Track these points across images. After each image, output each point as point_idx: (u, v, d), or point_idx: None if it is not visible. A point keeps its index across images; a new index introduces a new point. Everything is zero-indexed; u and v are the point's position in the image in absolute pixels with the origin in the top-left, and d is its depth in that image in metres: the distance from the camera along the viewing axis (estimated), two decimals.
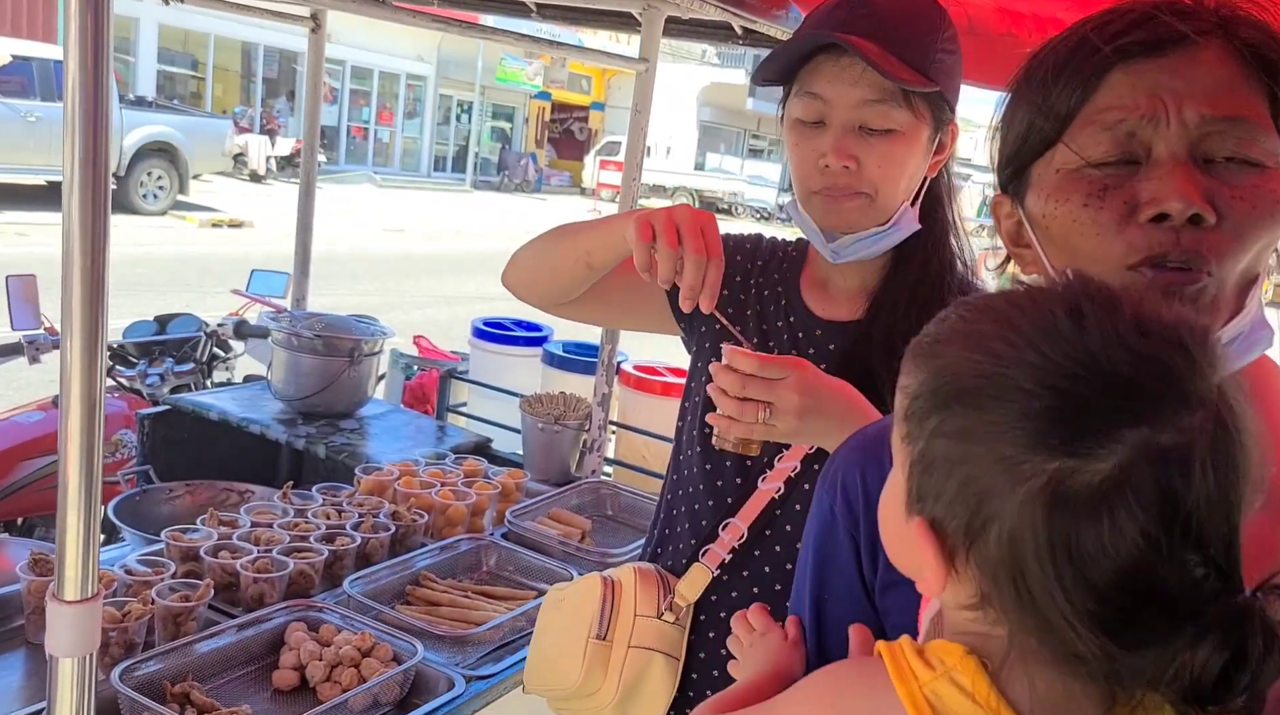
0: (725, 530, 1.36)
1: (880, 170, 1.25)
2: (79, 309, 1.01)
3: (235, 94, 21.89)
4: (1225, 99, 0.74)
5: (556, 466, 2.67)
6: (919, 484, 0.63)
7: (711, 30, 2.70)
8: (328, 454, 2.64)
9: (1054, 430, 0.56)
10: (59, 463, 1.05)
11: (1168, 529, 0.55)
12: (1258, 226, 0.74)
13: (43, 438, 2.84)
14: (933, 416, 0.62)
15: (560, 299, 1.50)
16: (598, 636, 1.39)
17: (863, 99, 1.23)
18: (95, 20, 0.96)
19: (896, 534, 0.69)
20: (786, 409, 1.13)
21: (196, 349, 3.29)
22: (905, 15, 1.26)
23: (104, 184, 1.01)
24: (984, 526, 0.59)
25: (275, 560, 1.89)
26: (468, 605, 1.99)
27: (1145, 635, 0.57)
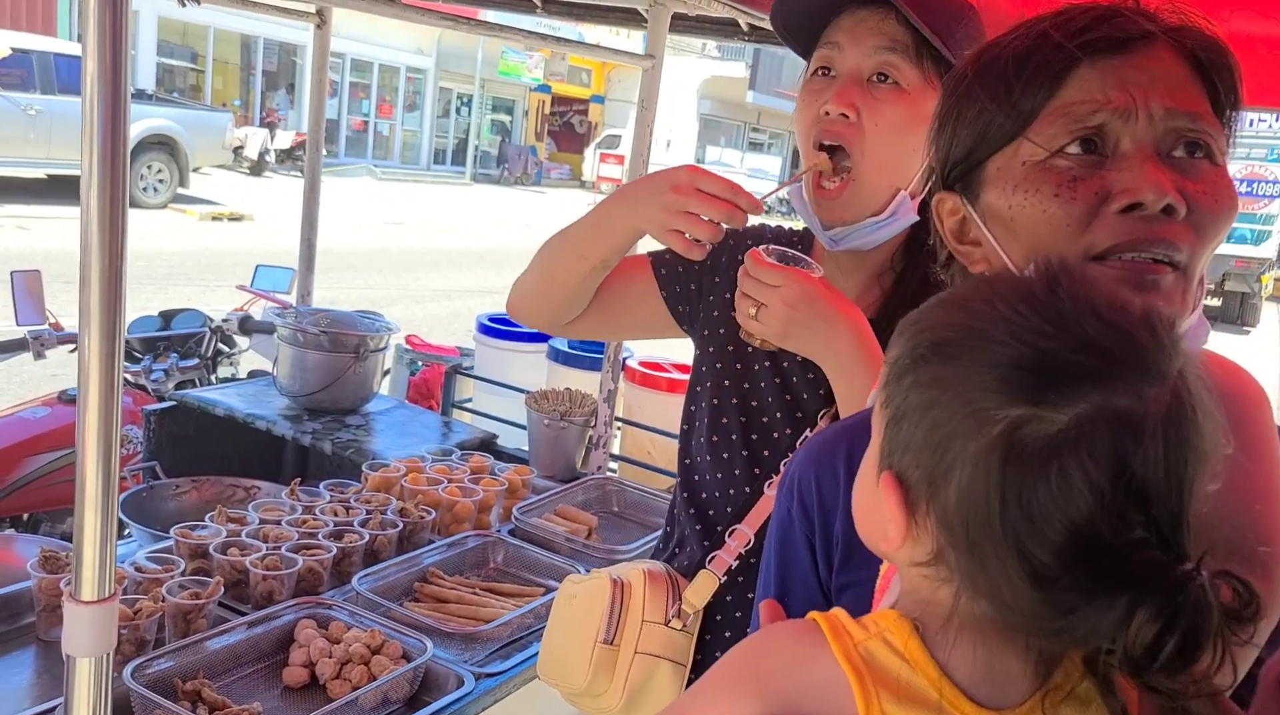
0: (732, 536, 1.36)
1: (876, 128, 1.23)
2: (97, 309, 1.01)
3: (235, 87, 21.86)
4: (1184, 94, 0.77)
5: (562, 462, 2.68)
6: (889, 439, 0.65)
7: (718, 26, 2.70)
8: (334, 450, 2.64)
9: (1020, 379, 0.58)
10: (77, 463, 1.05)
11: (1114, 486, 0.57)
12: (1216, 220, 0.76)
13: (49, 433, 2.85)
14: (909, 373, 0.64)
15: (566, 312, 1.49)
16: (605, 641, 1.39)
17: (875, 46, 1.22)
18: (114, 18, 0.96)
19: (868, 507, 0.70)
20: (773, 314, 1.18)
21: (201, 344, 3.29)
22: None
23: (122, 182, 1.01)
24: (945, 474, 0.60)
25: (284, 557, 1.89)
26: (476, 602, 2.00)
27: (1080, 596, 0.58)
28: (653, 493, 2.57)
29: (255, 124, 20.50)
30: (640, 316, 1.52)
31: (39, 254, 9.73)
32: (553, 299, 1.48)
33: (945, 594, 0.63)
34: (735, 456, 1.40)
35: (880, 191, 1.26)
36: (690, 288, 1.48)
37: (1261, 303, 16.79)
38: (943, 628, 0.64)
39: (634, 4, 2.53)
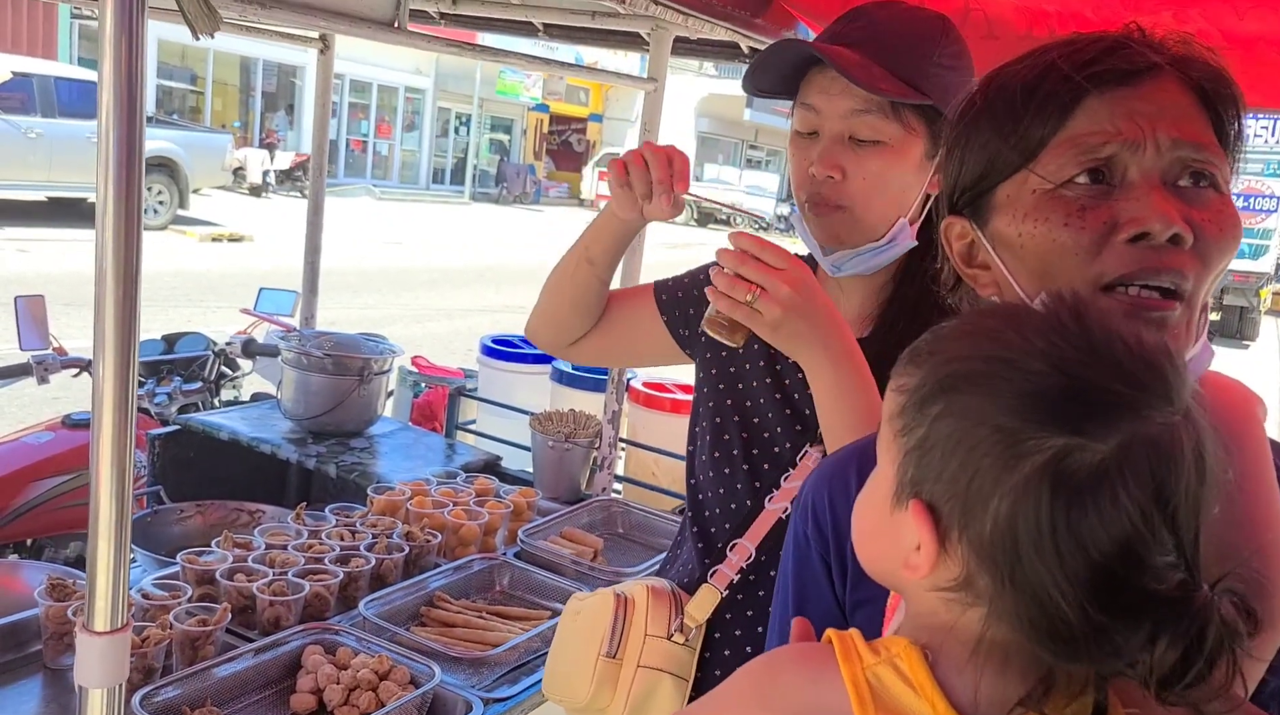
0: (733, 551, 1.37)
1: (864, 183, 1.25)
2: (111, 338, 1.02)
3: (234, 108, 21.95)
4: (1189, 125, 0.78)
5: (567, 484, 2.68)
6: (916, 469, 0.65)
7: (718, 49, 2.72)
8: (338, 473, 2.65)
9: (1063, 409, 0.60)
10: (91, 494, 1.05)
11: (1156, 510, 0.59)
12: (1222, 248, 0.77)
13: (53, 458, 2.85)
14: (936, 402, 0.65)
15: (574, 325, 1.52)
16: (608, 655, 1.40)
17: (850, 109, 1.23)
18: (129, 46, 0.97)
19: (875, 531, 0.71)
20: (775, 296, 1.13)
21: (204, 368, 3.30)
22: (902, 28, 1.27)
23: (137, 208, 1.02)
24: (983, 503, 0.61)
25: (291, 583, 1.89)
26: (482, 626, 2.00)
27: (1115, 616, 0.60)
28: (658, 514, 2.57)
29: (255, 145, 20.58)
30: (643, 342, 1.55)
31: (39, 277, 9.74)
32: (561, 310, 1.51)
33: (971, 617, 0.64)
34: (737, 471, 1.41)
35: (878, 221, 1.28)
36: (689, 312, 1.51)
37: (1260, 317, 16.82)
38: (963, 652, 0.65)
39: (635, 28, 2.55)
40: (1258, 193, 16.10)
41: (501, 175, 27.86)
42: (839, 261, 1.32)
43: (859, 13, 1.30)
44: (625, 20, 2.53)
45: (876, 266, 1.32)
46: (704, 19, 1.94)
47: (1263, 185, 16.13)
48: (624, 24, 2.57)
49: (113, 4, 0.96)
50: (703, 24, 2.24)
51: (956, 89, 1.27)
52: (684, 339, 1.52)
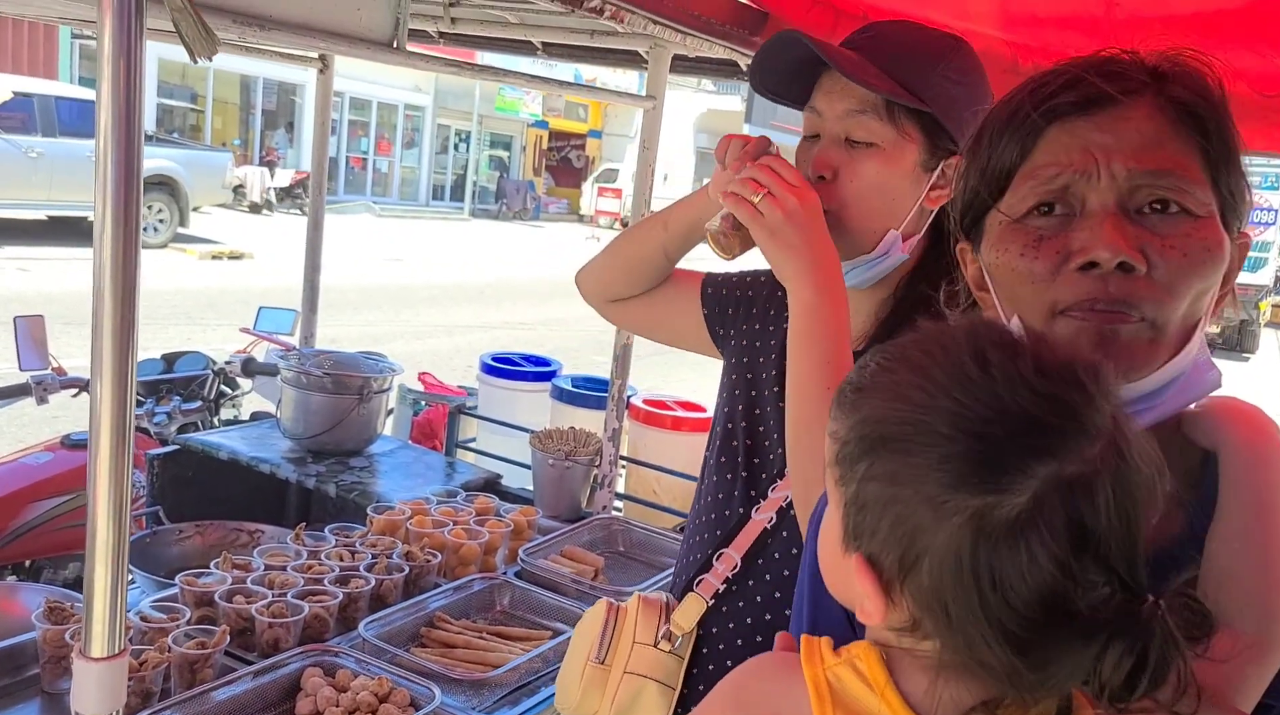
0: (719, 560, 1.38)
1: (854, 186, 1.25)
2: (109, 364, 1.01)
3: (234, 126, 22.03)
4: (1152, 152, 0.78)
5: (567, 502, 2.67)
6: (854, 523, 0.68)
7: (716, 67, 2.73)
8: (338, 492, 2.64)
9: (973, 471, 0.62)
10: (88, 520, 1.05)
11: (1078, 554, 0.61)
12: (1189, 274, 0.77)
13: (51, 479, 2.84)
14: (862, 461, 0.67)
15: (628, 284, 1.54)
16: (597, 660, 1.42)
17: (847, 109, 1.24)
18: (127, 67, 0.98)
19: (834, 567, 0.73)
20: (780, 204, 1.17)
21: (204, 387, 3.29)
22: (909, 39, 1.28)
23: (136, 225, 1.02)
24: (916, 559, 0.64)
25: (290, 604, 1.88)
26: (483, 647, 1.98)
27: (1055, 651, 0.62)
28: (659, 532, 2.56)
29: (255, 163, 20.64)
30: (680, 326, 1.56)
31: (39, 296, 9.75)
32: (618, 266, 1.54)
33: (925, 646, 0.67)
34: (736, 479, 1.43)
35: (867, 229, 1.28)
36: (729, 312, 1.53)
37: (1260, 329, 16.82)
38: (920, 664, 0.68)
39: (634, 46, 2.56)
40: (1256, 206, 15.99)
41: (501, 191, 27.94)
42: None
43: (870, 25, 1.32)
44: (624, 39, 2.54)
45: (870, 280, 1.32)
46: (702, 38, 1.94)
47: (1261, 198, 16.18)
48: (623, 43, 2.58)
49: (110, 26, 0.96)
50: (700, 42, 2.25)
51: (963, 103, 1.27)
52: (718, 337, 1.54)
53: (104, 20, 0.95)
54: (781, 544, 1.33)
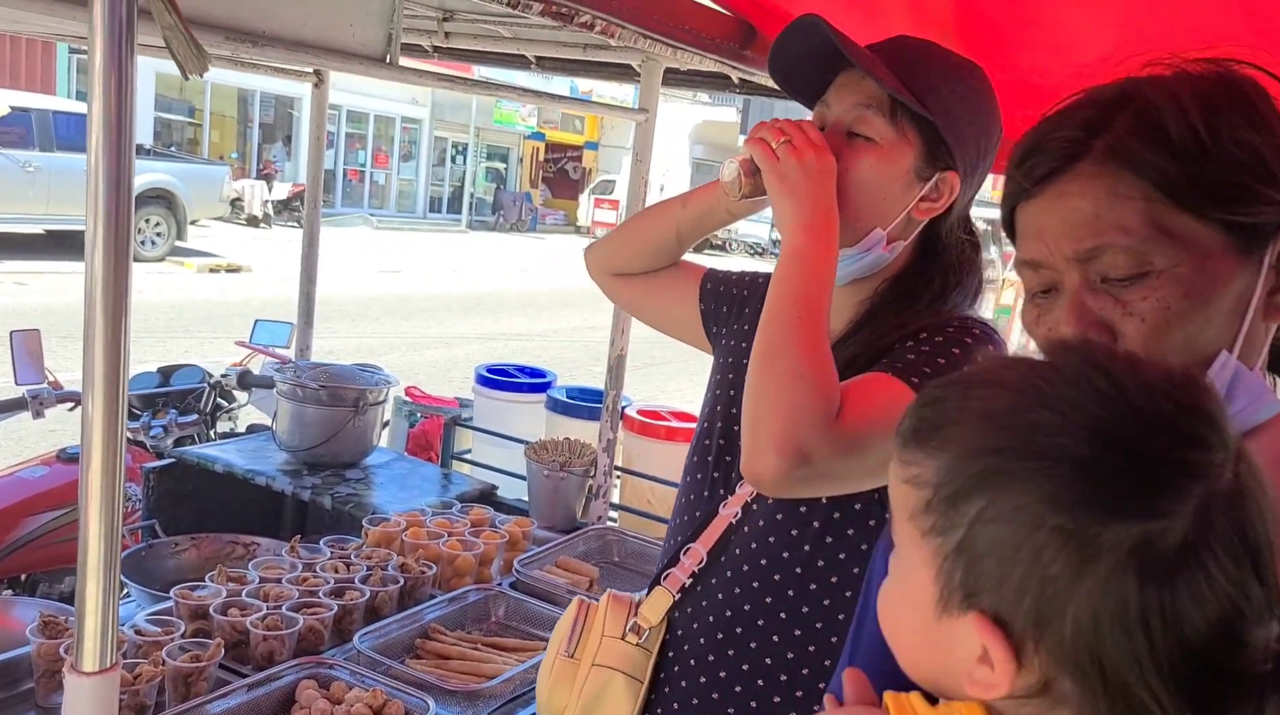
0: (686, 555, 1.40)
1: (847, 176, 1.27)
2: (100, 385, 1.02)
3: (232, 140, 22.07)
4: (1088, 230, 0.77)
5: (562, 513, 2.67)
6: (968, 577, 0.59)
7: (708, 80, 2.74)
8: (334, 505, 2.64)
9: (1126, 494, 0.54)
10: (80, 534, 1.05)
11: (1248, 571, 0.55)
12: (1161, 332, 0.76)
13: (47, 493, 2.84)
14: (970, 503, 0.58)
15: (637, 259, 1.55)
16: (565, 654, 1.44)
17: (853, 103, 1.27)
18: (118, 84, 0.99)
19: (915, 636, 0.64)
20: (798, 153, 1.21)
21: (200, 400, 3.30)
22: (928, 53, 1.30)
23: (127, 240, 1.03)
24: (1060, 610, 0.55)
25: (285, 617, 1.88)
26: (478, 658, 1.99)
27: (1226, 693, 0.55)
28: (654, 542, 2.57)
29: (253, 176, 20.68)
30: (675, 312, 1.58)
31: (37, 309, 9.75)
32: (631, 240, 1.56)
33: (1062, 713, 0.59)
34: (707, 476, 1.44)
35: (855, 228, 1.29)
36: (724, 310, 1.54)
37: None
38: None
39: (627, 60, 2.58)
40: None
41: (498, 203, 27.98)
42: None
43: (897, 37, 1.33)
44: (616, 53, 2.56)
45: (848, 276, 1.33)
46: (693, 52, 1.96)
47: None
48: (615, 56, 2.59)
49: (101, 43, 0.97)
50: (692, 56, 2.27)
51: (966, 121, 1.28)
52: (711, 334, 1.56)
53: (95, 38, 0.96)
54: (743, 539, 1.35)
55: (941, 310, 1.31)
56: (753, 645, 1.33)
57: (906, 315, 1.31)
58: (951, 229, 1.35)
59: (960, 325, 1.28)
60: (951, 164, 1.29)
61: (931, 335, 1.26)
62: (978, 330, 1.28)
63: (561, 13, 1.60)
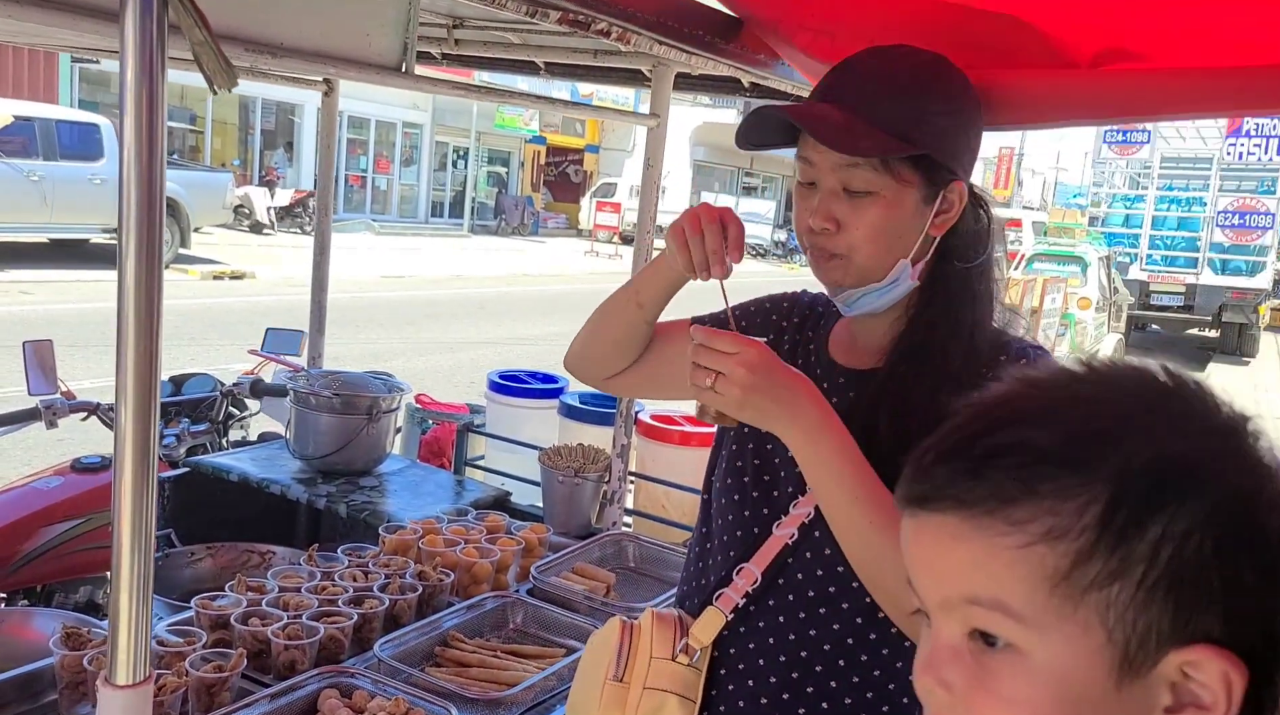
0: (739, 575, 1.37)
1: (859, 233, 1.27)
2: (132, 399, 1.02)
3: (234, 147, 22.10)
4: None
5: (577, 519, 2.67)
6: (1178, 608, 0.52)
7: (719, 84, 2.74)
8: (349, 513, 2.64)
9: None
10: (113, 548, 1.05)
11: None
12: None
13: (62, 503, 2.84)
14: (1153, 523, 0.52)
15: (615, 360, 1.55)
16: (614, 678, 1.41)
17: (840, 162, 1.25)
18: (150, 94, 0.99)
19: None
20: (732, 380, 1.18)
21: (212, 409, 3.30)
22: (893, 78, 1.27)
23: (158, 253, 1.03)
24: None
25: (305, 626, 1.89)
26: (498, 666, 1.99)
27: None
28: (669, 547, 2.57)
29: (255, 183, 20.71)
30: (679, 372, 1.55)
31: (42, 318, 9.76)
32: (606, 347, 1.54)
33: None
34: (746, 496, 1.42)
35: (877, 266, 1.30)
36: None
37: (1260, 333, 16.81)
38: None
39: (637, 65, 2.58)
40: (1253, 209, 16.15)
41: (500, 207, 28.00)
42: (847, 302, 1.35)
43: (850, 63, 1.30)
44: (627, 58, 2.56)
45: (884, 305, 1.34)
46: (707, 57, 1.96)
47: (1257, 203, 16.19)
48: (626, 61, 2.59)
49: (133, 59, 0.98)
50: (704, 60, 2.27)
51: (955, 133, 1.28)
52: None
53: (127, 54, 0.96)
54: (805, 563, 1.33)
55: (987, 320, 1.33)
56: (819, 669, 1.31)
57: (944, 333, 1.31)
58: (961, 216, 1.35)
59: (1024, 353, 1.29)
60: (954, 175, 1.29)
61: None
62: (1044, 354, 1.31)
63: (578, 20, 1.60)
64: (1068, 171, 30.95)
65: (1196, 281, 16.10)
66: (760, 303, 1.56)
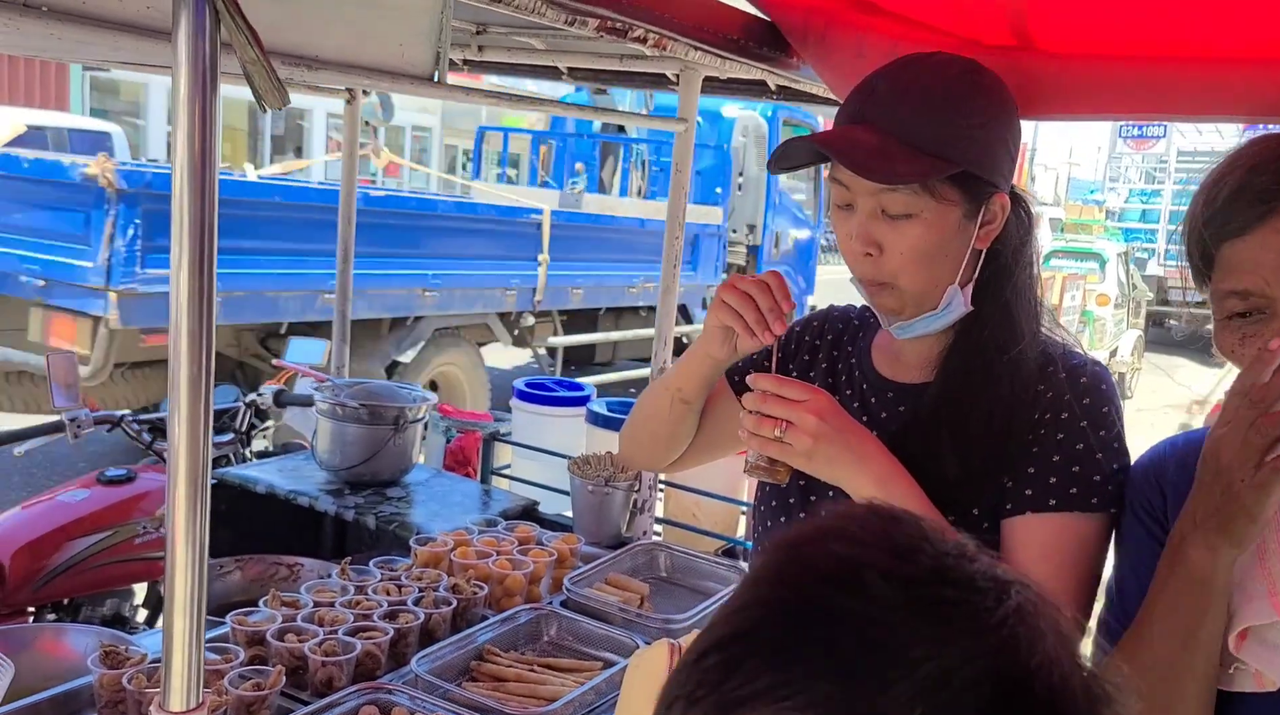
0: None
1: (901, 258, 1.23)
2: (184, 417, 1.01)
3: (244, 152, 22.15)
4: None
5: (608, 528, 2.65)
6: None
7: (746, 87, 2.72)
8: (378, 524, 2.63)
9: None
10: (166, 571, 1.04)
11: None
12: None
13: (89, 516, 2.83)
14: None
15: (667, 451, 1.53)
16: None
17: (875, 187, 1.20)
18: (203, 112, 0.98)
19: None
20: (803, 428, 1.16)
21: (236, 419, 3.29)
22: (926, 94, 1.21)
23: (211, 275, 1.01)
24: None
25: (342, 642, 1.87)
26: (535, 680, 1.97)
27: None
28: (701, 556, 2.55)
29: None
30: (731, 429, 1.53)
31: None
32: (659, 442, 1.53)
33: None
34: (791, 519, 1.39)
35: (926, 290, 1.27)
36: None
37: None
38: None
39: (664, 69, 2.56)
40: None
41: None
42: (901, 328, 1.32)
43: (878, 80, 1.25)
44: (653, 62, 2.54)
45: (937, 329, 1.32)
46: (740, 61, 1.94)
47: None
48: (652, 66, 2.57)
49: (186, 78, 0.96)
50: (731, 64, 2.24)
51: (993, 145, 1.24)
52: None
53: (180, 73, 0.95)
54: None
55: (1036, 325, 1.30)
56: None
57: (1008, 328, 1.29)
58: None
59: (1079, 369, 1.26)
60: (995, 188, 1.25)
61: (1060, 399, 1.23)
62: (1099, 368, 1.28)
63: (616, 28, 1.58)
64: (1080, 166, 30.81)
65: None
66: (791, 328, 1.52)
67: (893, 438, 1.28)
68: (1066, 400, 1.23)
